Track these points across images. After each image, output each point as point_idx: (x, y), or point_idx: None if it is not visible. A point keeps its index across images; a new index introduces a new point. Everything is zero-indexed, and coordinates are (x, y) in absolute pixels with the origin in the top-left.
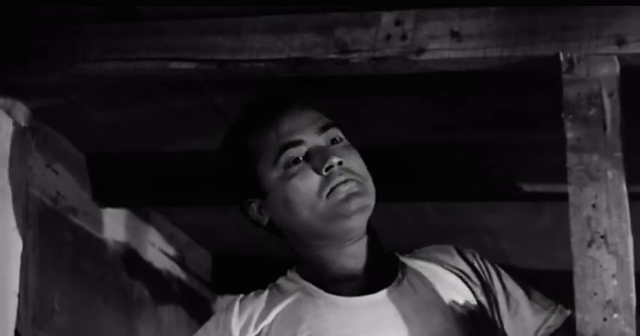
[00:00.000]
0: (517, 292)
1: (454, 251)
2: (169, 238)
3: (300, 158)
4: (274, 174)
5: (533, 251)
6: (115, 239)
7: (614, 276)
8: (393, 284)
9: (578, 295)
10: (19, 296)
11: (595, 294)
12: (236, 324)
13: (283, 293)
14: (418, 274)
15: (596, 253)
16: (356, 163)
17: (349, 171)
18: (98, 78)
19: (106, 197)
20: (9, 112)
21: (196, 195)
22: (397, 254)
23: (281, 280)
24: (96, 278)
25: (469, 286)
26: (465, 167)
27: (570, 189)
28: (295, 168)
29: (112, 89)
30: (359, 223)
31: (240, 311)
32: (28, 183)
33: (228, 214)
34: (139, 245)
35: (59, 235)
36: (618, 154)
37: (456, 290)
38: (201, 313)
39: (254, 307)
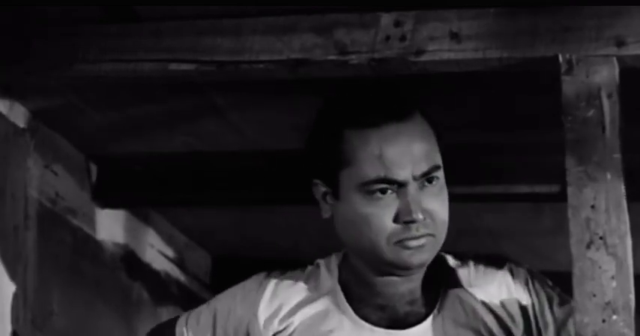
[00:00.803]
0: (570, 324)
1: (510, 282)
2: (168, 240)
3: (389, 192)
4: (356, 193)
5: (533, 252)
6: (114, 240)
7: (613, 277)
8: (424, 324)
9: (578, 297)
10: (17, 297)
11: (594, 295)
12: (264, 309)
13: (317, 291)
14: (457, 311)
15: (595, 255)
16: (441, 213)
17: (428, 225)
18: (97, 79)
19: (105, 198)
20: (8, 113)
21: (196, 196)
22: (447, 275)
23: (323, 269)
24: (95, 279)
25: (507, 328)
26: (465, 168)
27: (569, 190)
28: (380, 201)
29: (112, 90)
30: (412, 273)
31: (272, 297)
32: (26, 184)
33: (228, 215)
34: (138, 246)
35: (58, 237)
36: (617, 156)
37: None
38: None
39: (286, 298)
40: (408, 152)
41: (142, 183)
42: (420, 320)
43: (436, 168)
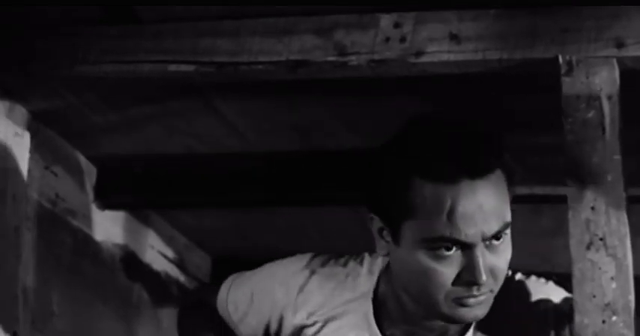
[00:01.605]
0: None
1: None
2: (168, 241)
3: (454, 249)
4: (419, 245)
5: (532, 253)
6: (114, 242)
7: (612, 278)
8: None
9: (577, 298)
10: (17, 298)
11: (594, 296)
12: (300, 299)
13: (350, 294)
14: None
15: (595, 256)
16: (502, 268)
17: (490, 284)
18: (98, 80)
19: (105, 199)
20: (8, 115)
21: (195, 197)
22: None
23: (365, 270)
24: (95, 280)
25: None
26: None
27: (569, 191)
28: (443, 259)
29: (112, 91)
30: (460, 325)
31: (309, 289)
32: (27, 185)
33: (228, 216)
34: (138, 248)
35: (58, 238)
36: (617, 157)
37: None
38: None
39: (320, 293)
40: (480, 212)
41: (141, 184)
42: None
43: (506, 226)
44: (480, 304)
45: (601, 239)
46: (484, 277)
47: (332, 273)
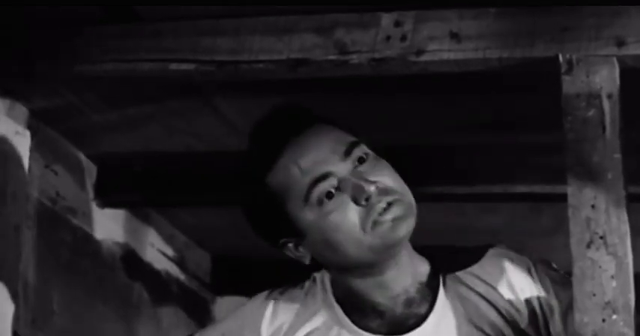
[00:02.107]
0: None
1: (508, 267)
2: (169, 239)
3: (333, 191)
4: (309, 214)
5: (532, 252)
6: (114, 240)
7: (613, 277)
8: (424, 326)
9: (577, 296)
10: (18, 297)
11: (594, 295)
12: (266, 329)
13: (314, 307)
14: (457, 308)
15: (595, 254)
16: (390, 178)
17: (387, 192)
18: (98, 79)
19: (105, 198)
20: (8, 113)
21: (196, 196)
22: (441, 269)
23: (319, 284)
24: (95, 279)
25: (512, 320)
26: (464, 168)
27: (569, 190)
28: (330, 204)
29: (112, 90)
30: (405, 242)
31: (272, 317)
32: (27, 184)
33: (228, 215)
34: (138, 246)
35: (58, 236)
36: (617, 155)
37: (496, 332)
38: (201, 314)
39: (285, 317)
40: (319, 150)
41: (142, 183)
42: (419, 322)
43: (354, 144)
44: (399, 217)
45: (601, 238)
46: (370, 186)
47: (292, 296)
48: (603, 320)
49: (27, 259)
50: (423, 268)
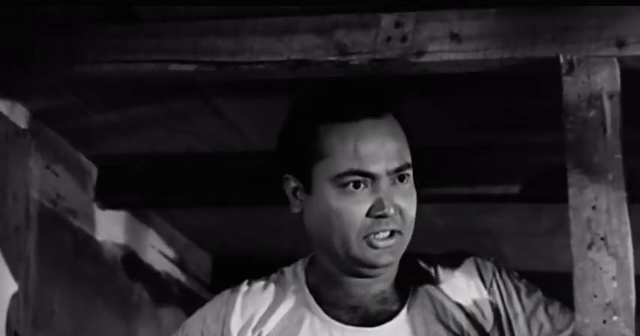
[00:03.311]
0: (539, 312)
1: (475, 275)
2: (169, 240)
3: (362, 186)
4: (329, 186)
5: (532, 253)
6: (115, 241)
7: (614, 278)
8: (394, 321)
9: (578, 298)
10: (18, 298)
11: (595, 296)
12: (236, 322)
13: (285, 294)
14: (426, 307)
15: (596, 255)
16: (410, 211)
17: (397, 222)
18: (98, 79)
19: (105, 199)
20: (9, 114)
21: (196, 197)
22: (416, 272)
23: (289, 275)
24: (95, 280)
25: (478, 323)
26: (465, 168)
27: (570, 191)
28: (352, 195)
29: (112, 91)
30: (379, 273)
31: (242, 309)
32: (27, 184)
33: (228, 216)
34: (138, 247)
35: (59, 237)
36: (618, 156)
37: (462, 333)
38: None
39: (255, 308)
40: (382, 147)
41: (142, 184)
42: (390, 317)
43: (407, 166)
44: (389, 248)
45: (602, 239)
46: (391, 209)
47: (260, 287)
48: (604, 321)
49: (27, 260)
50: (401, 272)
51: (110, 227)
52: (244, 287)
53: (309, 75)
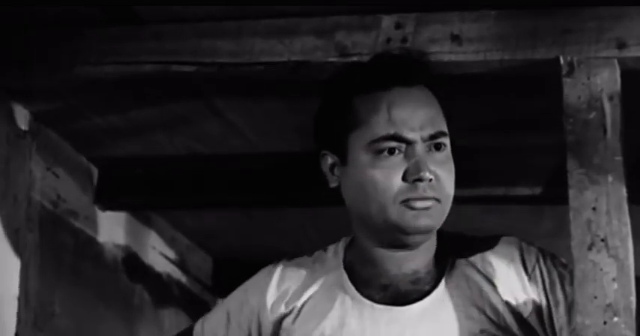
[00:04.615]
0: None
1: (518, 259)
2: (170, 242)
3: (397, 152)
4: (364, 154)
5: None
6: (116, 243)
7: (614, 279)
8: (423, 301)
9: (579, 299)
10: (19, 299)
11: (595, 297)
12: (272, 294)
13: (320, 273)
14: (462, 289)
15: (596, 257)
16: (447, 181)
17: (435, 188)
18: (99, 81)
19: (106, 201)
20: (9, 116)
21: (197, 199)
22: (453, 251)
23: (330, 253)
24: (96, 282)
25: (515, 309)
26: (465, 170)
27: (570, 192)
28: (387, 161)
29: (113, 92)
30: (416, 240)
31: (279, 282)
32: (28, 186)
33: (229, 218)
34: (139, 249)
35: (60, 239)
36: (618, 158)
37: (492, 320)
38: (202, 316)
39: (292, 282)
40: (414, 113)
41: (143, 185)
42: (422, 297)
43: (443, 134)
44: (427, 210)
45: (602, 240)
46: (427, 173)
47: (299, 263)
48: (604, 323)
49: (28, 262)
50: (437, 251)
51: (111, 229)
52: (285, 261)
53: (309, 76)
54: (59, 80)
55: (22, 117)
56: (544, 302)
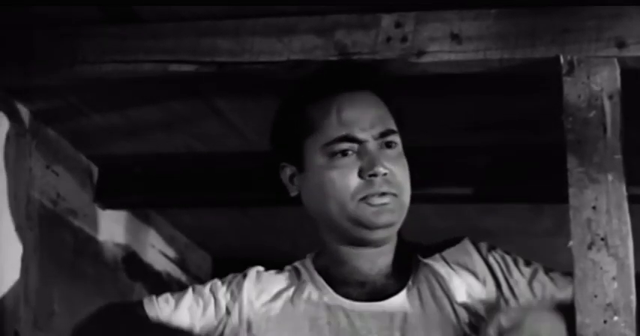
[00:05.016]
0: (539, 275)
1: (472, 250)
2: (169, 240)
3: (350, 153)
4: (319, 157)
5: (533, 254)
6: (115, 241)
7: (614, 278)
8: (400, 294)
9: (579, 298)
10: (19, 298)
11: (595, 296)
12: (249, 289)
13: (298, 279)
14: (431, 281)
15: (596, 256)
16: (401, 175)
17: (391, 183)
18: (98, 80)
19: (106, 199)
20: (9, 114)
21: (196, 197)
22: (417, 253)
23: (299, 266)
24: (96, 280)
25: (481, 294)
26: (465, 169)
27: (570, 191)
28: (341, 161)
29: (112, 91)
30: (381, 236)
31: (256, 281)
32: (28, 185)
33: (228, 216)
34: (139, 247)
35: (59, 237)
36: (618, 157)
37: (466, 304)
38: None
39: (267, 285)
40: (365, 114)
41: (142, 184)
42: (397, 291)
43: (393, 132)
44: (385, 206)
45: (602, 239)
46: (380, 168)
47: (271, 272)
48: (604, 322)
49: (28, 261)
50: (400, 250)
51: (111, 227)
52: (258, 268)
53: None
54: (59, 79)
55: (21, 115)
56: (504, 284)
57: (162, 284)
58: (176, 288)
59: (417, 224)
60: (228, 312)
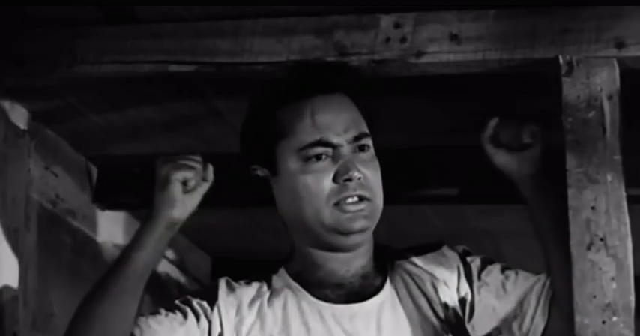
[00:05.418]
0: (508, 272)
1: (450, 254)
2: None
3: (324, 157)
4: (293, 162)
5: (532, 254)
6: (115, 242)
7: (613, 279)
8: (379, 295)
9: (578, 298)
10: (18, 299)
11: (594, 297)
12: (223, 298)
13: (271, 289)
14: (407, 282)
15: (595, 256)
16: (374, 179)
17: (365, 187)
18: (97, 80)
19: (105, 200)
20: (8, 115)
21: None
22: (391, 254)
23: (268, 273)
24: (95, 281)
25: (456, 293)
26: (464, 170)
27: (569, 191)
28: (316, 166)
29: (111, 92)
30: (355, 241)
31: (228, 292)
32: (27, 186)
33: (228, 217)
34: None
35: (58, 238)
36: (617, 157)
37: (444, 304)
38: None
39: (240, 295)
40: (338, 118)
41: (142, 185)
42: (376, 291)
43: (366, 135)
44: (360, 212)
45: (601, 239)
46: (355, 172)
47: (241, 283)
48: (603, 322)
49: (27, 262)
50: (378, 252)
51: (110, 228)
52: (227, 279)
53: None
54: (58, 79)
55: (20, 116)
56: (477, 286)
57: (161, 285)
58: (175, 289)
59: (416, 225)
60: (209, 320)
